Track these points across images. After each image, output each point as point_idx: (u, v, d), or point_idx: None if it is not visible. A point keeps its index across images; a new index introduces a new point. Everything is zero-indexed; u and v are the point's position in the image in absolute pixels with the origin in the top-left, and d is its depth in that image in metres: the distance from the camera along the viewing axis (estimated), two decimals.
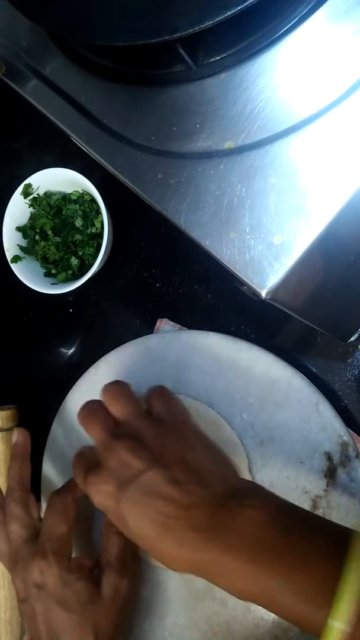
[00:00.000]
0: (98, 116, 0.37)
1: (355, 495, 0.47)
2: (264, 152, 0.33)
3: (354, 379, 0.52)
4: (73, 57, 0.39)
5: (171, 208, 0.34)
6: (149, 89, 0.36)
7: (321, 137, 0.32)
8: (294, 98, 0.33)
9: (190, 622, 0.50)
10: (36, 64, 0.40)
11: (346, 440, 0.48)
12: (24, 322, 0.64)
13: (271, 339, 0.54)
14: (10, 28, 0.41)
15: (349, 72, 0.32)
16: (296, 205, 0.32)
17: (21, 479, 0.50)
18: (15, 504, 0.48)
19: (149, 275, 0.59)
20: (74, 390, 0.57)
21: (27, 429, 0.53)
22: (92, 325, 0.61)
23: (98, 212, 0.57)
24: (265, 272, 0.32)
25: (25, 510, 0.48)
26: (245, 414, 0.51)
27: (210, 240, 0.33)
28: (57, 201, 0.57)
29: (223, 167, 0.33)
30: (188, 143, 0.35)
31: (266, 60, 0.33)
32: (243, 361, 0.51)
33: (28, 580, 0.44)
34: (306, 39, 0.33)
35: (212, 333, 0.52)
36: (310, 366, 0.53)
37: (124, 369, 0.55)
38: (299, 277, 0.33)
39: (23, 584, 0.44)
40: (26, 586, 0.44)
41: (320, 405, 0.48)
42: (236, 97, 0.34)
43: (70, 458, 0.56)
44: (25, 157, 0.64)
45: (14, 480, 0.50)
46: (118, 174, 0.36)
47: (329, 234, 0.32)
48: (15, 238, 0.57)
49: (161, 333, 0.55)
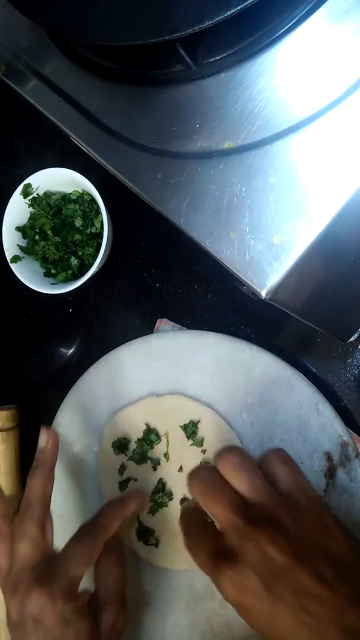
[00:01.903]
0: (98, 116, 0.37)
1: (355, 495, 0.47)
2: (263, 152, 0.33)
3: (354, 379, 0.52)
4: (73, 57, 0.39)
5: (171, 208, 0.34)
6: (149, 88, 0.36)
7: (321, 137, 0.32)
8: (294, 98, 0.33)
9: (190, 623, 0.50)
10: (36, 64, 0.40)
11: (346, 440, 0.48)
12: (24, 322, 0.64)
13: (271, 339, 0.54)
14: (10, 28, 0.41)
15: (349, 71, 0.32)
16: (296, 205, 0.32)
17: (43, 493, 0.45)
18: (31, 522, 0.43)
19: (148, 275, 0.59)
20: (74, 390, 0.57)
21: (54, 432, 0.48)
22: (92, 325, 0.61)
23: (98, 212, 0.57)
24: (265, 272, 0.32)
25: (41, 531, 0.43)
26: (245, 414, 0.51)
27: (210, 240, 0.33)
28: (56, 201, 0.57)
29: (223, 167, 0.33)
30: (188, 143, 0.35)
31: (266, 60, 0.33)
32: (243, 361, 0.51)
33: (25, 610, 0.40)
34: (306, 39, 0.33)
35: (212, 333, 0.52)
36: (310, 366, 0.53)
37: (123, 369, 0.55)
38: (298, 277, 0.33)
39: (18, 611, 0.40)
40: (22, 615, 0.40)
41: (320, 405, 0.48)
42: (236, 97, 0.34)
43: (71, 458, 0.56)
44: (25, 157, 0.64)
45: (35, 494, 0.45)
46: (118, 174, 0.36)
47: (329, 234, 0.32)
48: (15, 238, 0.57)
49: (161, 333, 0.55)
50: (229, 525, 0.33)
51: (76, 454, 0.56)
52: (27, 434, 0.60)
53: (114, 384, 0.55)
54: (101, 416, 0.55)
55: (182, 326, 0.57)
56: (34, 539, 0.43)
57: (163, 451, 0.53)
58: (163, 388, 0.54)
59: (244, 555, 0.32)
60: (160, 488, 0.53)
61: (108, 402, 0.55)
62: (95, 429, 0.55)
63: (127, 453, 0.54)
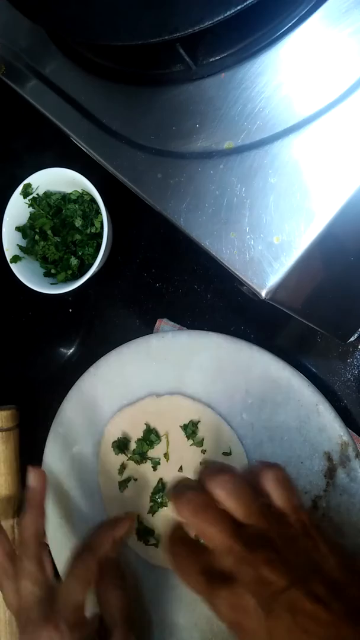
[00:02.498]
0: (98, 116, 0.37)
1: (355, 495, 0.47)
2: (263, 152, 0.33)
3: (354, 379, 0.52)
4: (73, 57, 0.39)
5: (171, 208, 0.34)
6: (149, 88, 0.36)
7: (321, 137, 0.32)
8: (294, 98, 0.33)
9: (190, 623, 0.50)
10: (36, 64, 0.40)
11: (346, 441, 0.48)
12: (24, 322, 0.64)
13: (271, 339, 0.54)
14: (10, 28, 0.41)
15: (348, 71, 0.32)
16: (296, 205, 0.32)
17: (36, 531, 0.47)
18: (28, 560, 0.45)
19: (148, 275, 0.59)
20: (74, 390, 0.57)
21: (42, 471, 0.50)
22: (92, 325, 0.61)
23: (98, 212, 0.57)
24: (265, 272, 0.32)
25: (39, 567, 0.45)
26: (245, 414, 0.51)
27: (210, 240, 0.33)
28: (56, 201, 0.57)
29: (223, 167, 0.33)
30: (188, 143, 0.35)
31: (266, 60, 0.33)
32: (243, 361, 0.51)
33: None
34: (306, 39, 0.33)
35: (212, 333, 0.52)
36: (310, 366, 0.53)
37: (123, 369, 0.55)
38: (298, 277, 0.33)
39: None
40: None
41: (320, 406, 0.48)
42: (236, 96, 0.34)
43: (71, 458, 0.56)
44: (25, 157, 0.64)
45: (29, 533, 0.47)
46: (117, 174, 0.36)
47: (329, 234, 0.32)
48: (14, 238, 0.57)
49: (161, 333, 0.55)
50: (224, 548, 0.33)
51: (76, 454, 0.56)
52: (27, 434, 0.60)
53: (114, 384, 0.55)
54: (101, 416, 0.55)
55: (182, 326, 0.57)
56: (34, 575, 0.44)
57: (163, 451, 0.53)
58: (163, 388, 0.54)
59: (239, 577, 0.32)
60: (160, 488, 0.53)
61: (108, 402, 0.55)
62: (95, 429, 0.55)
63: (127, 453, 0.54)
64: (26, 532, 0.46)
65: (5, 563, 0.46)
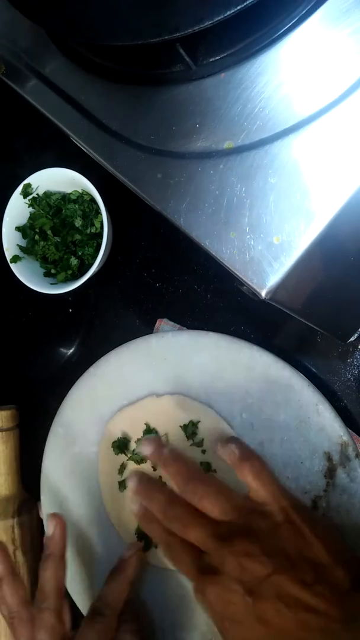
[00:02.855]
0: (97, 116, 0.37)
1: (355, 495, 0.47)
2: (263, 152, 0.33)
3: (354, 379, 0.52)
4: (73, 57, 0.39)
5: (171, 208, 0.34)
6: (149, 88, 0.36)
7: (321, 137, 0.32)
8: (294, 97, 0.33)
9: (190, 623, 0.50)
10: (36, 64, 0.40)
11: (346, 441, 0.48)
12: (24, 322, 0.64)
13: (271, 339, 0.54)
14: (10, 28, 0.41)
15: (348, 71, 0.32)
16: (296, 205, 0.32)
17: (57, 584, 0.46)
18: (49, 612, 0.44)
19: (148, 275, 0.59)
20: (74, 390, 0.57)
21: (62, 518, 0.49)
22: (92, 325, 0.61)
23: (98, 212, 0.57)
24: (264, 272, 0.32)
25: (58, 619, 0.45)
26: (245, 414, 0.51)
27: (210, 240, 0.33)
28: (56, 201, 0.57)
29: (223, 167, 0.33)
30: (188, 143, 0.35)
31: (266, 60, 0.33)
32: (243, 361, 0.51)
33: None
34: (306, 39, 0.33)
35: (212, 333, 0.52)
36: (310, 366, 0.53)
37: (123, 369, 0.55)
38: (298, 277, 0.33)
39: None
40: None
41: (320, 406, 0.48)
42: (236, 96, 0.34)
43: (71, 458, 0.56)
44: (25, 157, 0.64)
45: (50, 586, 0.46)
46: (117, 173, 0.36)
47: (329, 234, 0.32)
48: (14, 238, 0.57)
49: (161, 333, 0.55)
50: (206, 547, 0.35)
51: (76, 454, 0.56)
52: (27, 434, 0.60)
53: (114, 383, 0.55)
54: (101, 416, 0.55)
55: (182, 326, 0.57)
56: (53, 627, 0.44)
57: None
58: (163, 388, 0.54)
59: (224, 569, 0.34)
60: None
61: (108, 402, 0.55)
62: (95, 429, 0.55)
63: (127, 453, 0.54)
64: (46, 584, 0.46)
65: (22, 611, 0.46)
